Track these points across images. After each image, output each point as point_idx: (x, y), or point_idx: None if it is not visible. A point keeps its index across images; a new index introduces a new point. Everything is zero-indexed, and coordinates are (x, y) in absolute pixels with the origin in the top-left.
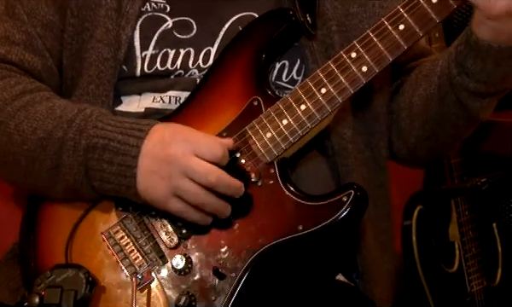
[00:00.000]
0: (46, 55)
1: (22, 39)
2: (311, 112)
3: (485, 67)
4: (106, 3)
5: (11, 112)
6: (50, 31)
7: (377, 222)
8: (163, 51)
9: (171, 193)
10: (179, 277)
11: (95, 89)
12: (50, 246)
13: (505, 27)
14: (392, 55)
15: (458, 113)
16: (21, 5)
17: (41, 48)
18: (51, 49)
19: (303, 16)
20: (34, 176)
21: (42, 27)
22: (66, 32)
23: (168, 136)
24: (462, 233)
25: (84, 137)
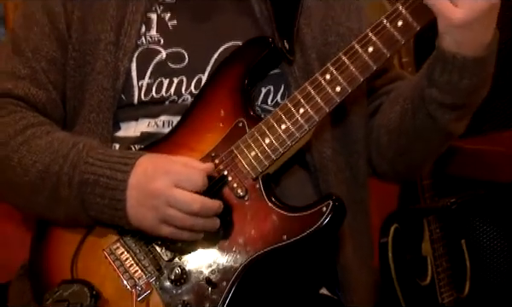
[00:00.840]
0: (50, 89)
1: (27, 74)
2: (291, 131)
3: (451, 79)
4: (105, 38)
5: (14, 147)
6: (54, 65)
7: (357, 236)
8: (158, 80)
9: (160, 220)
10: (175, 287)
11: (96, 117)
12: (57, 264)
13: (467, 36)
14: (363, 76)
15: (430, 127)
16: (26, 43)
17: (45, 81)
18: (55, 82)
19: (281, 43)
20: (36, 205)
21: (45, 62)
22: (68, 66)
23: (151, 169)
24: (433, 249)
25: (77, 173)
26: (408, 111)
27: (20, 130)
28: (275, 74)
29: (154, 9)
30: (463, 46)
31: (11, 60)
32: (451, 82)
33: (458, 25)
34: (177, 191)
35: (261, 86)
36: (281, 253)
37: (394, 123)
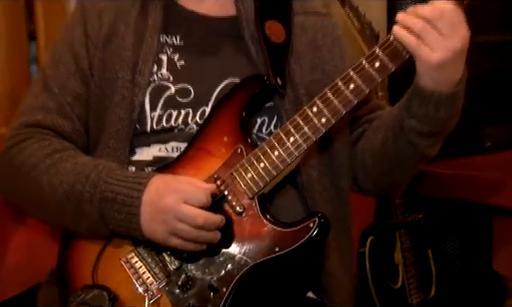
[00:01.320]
0: (75, 120)
1: (55, 108)
2: (283, 157)
3: (428, 112)
4: (122, 76)
5: (43, 169)
6: (78, 100)
7: (341, 247)
8: (168, 112)
9: (169, 233)
10: (182, 292)
11: (114, 144)
12: (80, 270)
13: (442, 76)
14: (345, 109)
15: (409, 151)
16: (54, 81)
17: (70, 114)
18: (79, 114)
19: (274, 79)
20: (62, 220)
21: (71, 98)
22: (90, 100)
23: (162, 187)
24: (404, 257)
25: (98, 191)
26: (389, 138)
27: (48, 155)
28: (269, 107)
29: (165, 51)
30: (439, 84)
31: (41, 96)
32: (429, 114)
33: (435, 66)
34: (184, 206)
35: (257, 117)
36: (273, 263)
37: (378, 148)
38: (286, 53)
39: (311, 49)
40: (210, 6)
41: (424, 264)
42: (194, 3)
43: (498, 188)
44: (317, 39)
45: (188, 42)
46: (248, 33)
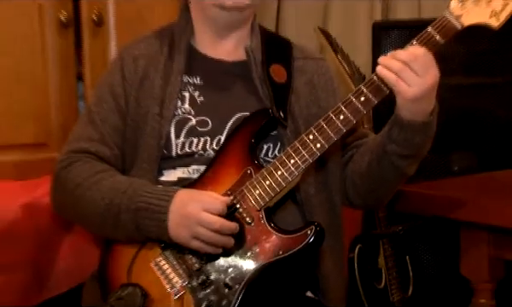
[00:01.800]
0: (113, 147)
1: (98, 137)
2: (285, 176)
3: (407, 138)
4: (152, 111)
5: (87, 186)
6: (116, 131)
7: (335, 253)
8: (189, 140)
9: (191, 236)
10: (202, 289)
11: (146, 167)
12: (117, 272)
13: (417, 107)
14: (336, 136)
15: (391, 171)
16: (98, 115)
17: (110, 143)
18: (117, 142)
19: (277, 113)
20: (104, 229)
21: (111, 129)
22: (126, 131)
23: (186, 198)
24: (386, 262)
25: (133, 203)
26: (374, 160)
27: (92, 175)
28: (273, 135)
29: (187, 89)
30: (415, 114)
31: (86, 127)
32: (407, 139)
33: (411, 100)
34: (204, 214)
35: (263, 144)
36: (278, 264)
37: (365, 169)
38: (287, 91)
39: (308, 87)
40: (223, 52)
41: (403, 268)
42: (210, 50)
43: (464, 205)
44: (314, 79)
45: (206, 81)
46: (256, 75)
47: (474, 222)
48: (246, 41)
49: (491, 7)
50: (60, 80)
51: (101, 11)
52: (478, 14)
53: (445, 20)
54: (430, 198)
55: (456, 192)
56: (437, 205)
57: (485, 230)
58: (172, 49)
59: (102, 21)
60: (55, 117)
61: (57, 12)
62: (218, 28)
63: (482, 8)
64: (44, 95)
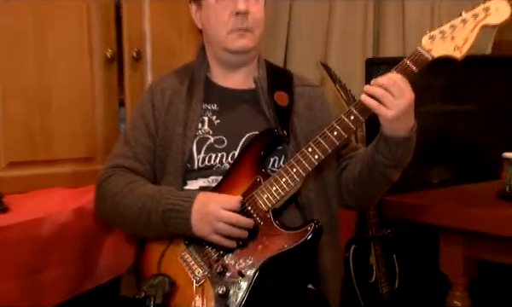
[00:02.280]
0: (145, 163)
1: (132, 155)
2: (288, 182)
3: (391, 151)
4: (177, 133)
5: (124, 194)
6: (148, 150)
7: (333, 251)
8: (209, 155)
9: (211, 230)
10: (220, 277)
11: (172, 179)
12: (149, 264)
13: (398, 126)
14: (331, 149)
15: (379, 178)
16: (132, 138)
17: (142, 159)
18: (148, 159)
19: (281, 131)
20: (137, 229)
21: (143, 149)
22: (156, 150)
23: (206, 199)
24: (377, 260)
25: (161, 205)
26: (365, 170)
27: (127, 184)
28: (279, 149)
29: (206, 114)
30: (396, 131)
31: (123, 147)
32: (391, 152)
33: (391, 120)
34: (222, 210)
35: (270, 157)
36: (283, 256)
37: (357, 177)
38: (289, 113)
39: (307, 109)
40: (235, 82)
41: (391, 265)
42: (224, 81)
43: (442, 212)
44: (311, 103)
45: (221, 107)
46: (263, 100)
47: (450, 227)
48: (254, 72)
49: (455, 42)
50: (105, 106)
51: (140, 49)
52: (444, 47)
53: (418, 53)
54: (414, 206)
55: (436, 201)
56: (420, 212)
57: (459, 234)
58: (193, 81)
59: (141, 57)
60: (100, 136)
61: (104, 50)
62: (228, 65)
63: (447, 43)
64: (92, 118)
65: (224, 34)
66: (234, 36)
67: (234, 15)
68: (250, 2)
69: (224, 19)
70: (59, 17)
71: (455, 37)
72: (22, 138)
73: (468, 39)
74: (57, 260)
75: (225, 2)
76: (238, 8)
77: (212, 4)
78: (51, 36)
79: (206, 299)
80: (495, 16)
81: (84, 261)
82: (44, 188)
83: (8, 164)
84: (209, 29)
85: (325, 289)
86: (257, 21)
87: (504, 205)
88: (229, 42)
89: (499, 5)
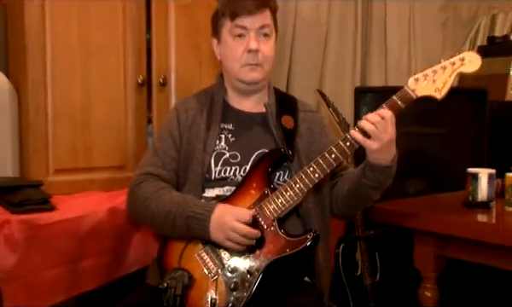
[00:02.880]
0: (171, 172)
1: (160, 164)
2: (292, 196)
3: (374, 176)
4: (198, 148)
5: (153, 199)
6: (173, 160)
7: (325, 250)
8: (224, 168)
9: (225, 238)
10: (230, 274)
11: (193, 187)
12: (171, 259)
13: (381, 156)
14: (329, 169)
15: (363, 196)
16: (160, 149)
17: (169, 168)
18: (174, 169)
19: (287, 151)
20: (163, 230)
21: (169, 159)
22: (180, 161)
23: (223, 211)
24: (362, 257)
25: (186, 212)
26: (352, 189)
27: (156, 191)
28: (284, 166)
29: (223, 133)
30: (379, 160)
31: (153, 157)
32: (375, 177)
33: (375, 151)
34: (236, 222)
35: (277, 172)
36: (285, 259)
37: (345, 193)
38: (294, 135)
39: (308, 132)
40: (248, 106)
41: (373, 261)
42: (239, 104)
43: (417, 217)
44: (312, 127)
45: (236, 127)
46: (272, 123)
47: (423, 230)
48: (264, 98)
49: (436, 84)
50: (135, 123)
51: (166, 76)
52: (426, 89)
53: (404, 92)
54: (393, 212)
55: (411, 208)
56: (398, 217)
57: (431, 236)
58: (212, 104)
59: (166, 83)
60: (131, 148)
61: (136, 76)
62: (242, 92)
63: (429, 85)
64: (125, 133)
65: (238, 68)
66: (246, 69)
67: (247, 52)
68: (261, 41)
69: (238, 55)
70: (101, 51)
71: (436, 80)
72: (67, 150)
73: (446, 83)
74: (94, 251)
75: (240, 41)
76: (250, 46)
77: (230, 42)
78: (94, 66)
79: (219, 292)
80: (468, 66)
81: (116, 253)
82: (84, 191)
83: (55, 171)
84: (226, 61)
85: (318, 281)
86: (266, 58)
87: (468, 212)
88: (242, 74)
89: (472, 57)
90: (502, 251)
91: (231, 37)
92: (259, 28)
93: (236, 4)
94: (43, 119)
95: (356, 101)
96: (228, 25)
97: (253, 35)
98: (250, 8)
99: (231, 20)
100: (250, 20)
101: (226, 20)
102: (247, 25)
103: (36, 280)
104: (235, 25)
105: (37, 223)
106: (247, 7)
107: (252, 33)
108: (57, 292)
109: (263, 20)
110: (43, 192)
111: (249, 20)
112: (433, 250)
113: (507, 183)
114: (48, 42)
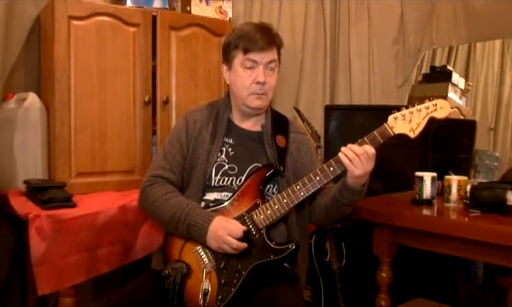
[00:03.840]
0: (177, 174)
1: (168, 168)
2: (280, 210)
3: (349, 195)
4: (202, 157)
5: (160, 201)
6: (180, 164)
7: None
8: (223, 177)
9: (219, 248)
10: (222, 271)
11: (195, 191)
12: (172, 252)
13: (358, 181)
14: (313, 189)
15: (337, 210)
16: (169, 154)
17: (175, 171)
18: (180, 172)
19: (279, 167)
20: (167, 228)
21: (177, 163)
22: (185, 167)
23: (219, 225)
24: (330, 245)
25: (188, 219)
26: (328, 204)
27: (164, 194)
28: (275, 179)
29: (224, 146)
30: (356, 183)
31: (161, 161)
32: (349, 196)
33: (356, 176)
34: (228, 237)
35: (268, 185)
36: (269, 263)
37: (323, 207)
38: (285, 153)
39: (296, 151)
40: (248, 125)
41: (340, 249)
42: (240, 123)
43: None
44: (300, 146)
45: (236, 142)
46: (267, 142)
47: (380, 222)
48: (262, 119)
49: (411, 125)
50: (142, 134)
51: (168, 96)
52: (402, 128)
53: (384, 128)
54: (357, 208)
55: (371, 205)
56: (360, 212)
57: (386, 227)
58: (217, 119)
59: (168, 101)
60: (138, 155)
61: (143, 96)
62: (245, 114)
63: (406, 124)
64: (134, 143)
65: (246, 95)
66: (253, 97)
67: (255, 83)
68: (267, 74)
69: (247, 84)
70: (114, 76)
71: (411, 121)
72: (86, 157)
73: (420, 124)
74: (108, 241)
75: (250, 72)
76: (259, 79)
77: (241, 72)
78: (109, 88)
79: (212, 284)
80: (440, 112)
81: (126, 242)
82: (100, 191)
83: (77, 174)
84: (235, 88)
85: (296, 267)
86: (270, 88)
87: (416, 208)
88: (249, 101)
89: (443, 104)
90: (442, 239)
91: (242, 68)
92: (267, 63)
93: (250, 40)
94: (67, 131)
95: (326, 117)
96: (240, 57)
97: (262, 69)
98: (262, 45)
99: (244, 54)
100: (260, 55)
101: (239, 53)
102: (257, 59)
103: (61, 264)
104: (246, 58)
105: (61, 217)
106: (258, 44)
107: (261, 67)
108: (79, 274)
109: (271, 56)
110: (67, 192)
111: (260, 55)
112: (388, 239)
113: (445, 184)
114: (72, 69)
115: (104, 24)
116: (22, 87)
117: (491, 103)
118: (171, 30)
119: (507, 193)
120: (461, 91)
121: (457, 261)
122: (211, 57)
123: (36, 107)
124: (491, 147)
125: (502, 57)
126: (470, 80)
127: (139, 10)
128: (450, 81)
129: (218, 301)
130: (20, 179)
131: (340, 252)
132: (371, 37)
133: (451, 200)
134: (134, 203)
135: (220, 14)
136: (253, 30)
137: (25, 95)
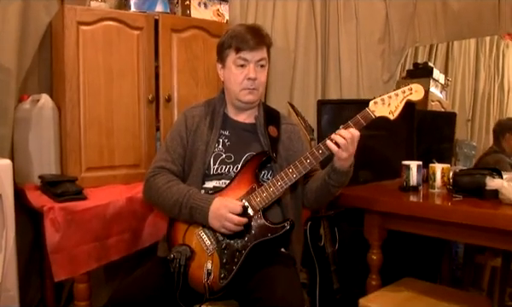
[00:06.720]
0: (179, 166)
1: (170, 160)
2: (274, 191)
3: (337, 177)
4: (201, 149)
5: (164, 189)
6: (181, 156)
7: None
8: (221, 166)
9: (220, 226)
10: (223, 251)
11: (195, 179)
12: (176, 236)
13: (345, 163)
14: (304, 170)
15: (328, 193)
16: (171, 147)
17: (177, 163)
18: (181, 163)
19: (271, 153)
20: (171, 214)
21: (178, 155)
22: (186, 158)
23: (219, 204)
24: (324, 231)
25: (190, 203)
26: (319, 187)
27: (166, 183)
28: (269, 165)
29: (221, 138)
30: (343, 166)
31: (164, 154)
32: (337, 178)
33: (343, 159)
34: (229, 214)
35: (263, 171)
36: (267, 241)
37: (314, 190)
38: (277, 141)
39: (288, 140)
40: (242, 117)
41: (333, 234)
42: (235, 116)
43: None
44: (291, 136)
45: (232, 134)
46: (260, 132)
47: (370, 209)
48: (255, 112)
49: (390, 108)
50: (147, 130)
51: (170, 94)
52: (383, 110)
53: (366, 112)
54: (348, 196)
55: (362, 192)
56: (352, 200)
57: (376, 213)
58: (214, 114)
59: (170, 99)
60: (144, 150)
61: (148, 94)
62: (238, 108)
63: (385, 108)
64: (139, 138)
65: (238, 90)
66: (245, 92)
67: (246, 79)
68: (258, 71)
69: (239, 80)
70: (120, 76)
71: (390, 104)
72: (95, 152)
73: (398, 107)
74: (117, 230)
75: (242, 70)
76: (250, 75)
77: (233, 69)
78: (115, 87)
79: (214, 264)
80: (415, 95)
81: (133, 231)
82: (108, 184)
83: (87, 168)
84: (229, 84)
85: (292, 251)
86: (261, 83)
87: (403, 194)
88: (241, 96)
89: (418, 88)
90: (428, 222)
91: (234, 66)
92: (258, 61)
93: (241, 40)
94: (77, 129)
95: (318, 111)
96: (233, 56)
97: (253, 66)
98: (252, 45)
99: (236, 53)
100: (251, 54)
101: (231, 52)
102: (248, 58)
103: (75, 252)
104: (238, 57)
105: (74, 209)
106: (249, 44)
107: (251, 65)
108: (91, 262)
109: (261, 54)
110: (78, 185)
111: (250, 54)
112: (378, 224)
113: (430, 172)
114: (81, 70)
115: (110, 28)
116: (36, 89)
117: (468, 96)
118: (172, 32)
119: (486, 178)
120: (441, 86)
121: (441, 243)
122: (210, 57)
123: (49, 106)
124: (468, 137)
125: (476, 54)
126: (449, 75)
127: (142, 15)
128: (431, 76)
129: (221, 279)
130: (35, 174)
131: (333, 237)
132: (359, 36)
133: (436, 187)
134: (140, 194)
135: (218, 17)
136: (244, 31)
137: (38, 97)
